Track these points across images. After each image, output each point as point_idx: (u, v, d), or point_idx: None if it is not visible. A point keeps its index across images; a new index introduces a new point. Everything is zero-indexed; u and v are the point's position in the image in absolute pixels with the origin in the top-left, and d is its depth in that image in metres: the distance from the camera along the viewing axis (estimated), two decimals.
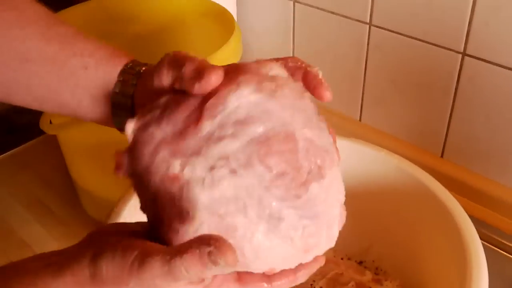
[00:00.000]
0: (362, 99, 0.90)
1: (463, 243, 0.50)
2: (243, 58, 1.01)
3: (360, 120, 0.92)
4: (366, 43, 0.84)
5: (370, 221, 0.66)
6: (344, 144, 0.66)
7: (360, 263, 0.66)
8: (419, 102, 0.82)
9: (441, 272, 0.55)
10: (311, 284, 0.60)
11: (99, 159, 0.76)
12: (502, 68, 0.71)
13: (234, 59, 0.78)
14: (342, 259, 0.67)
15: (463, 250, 0.49)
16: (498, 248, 0.73)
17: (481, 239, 0.73)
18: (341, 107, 0.94)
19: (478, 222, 0.75)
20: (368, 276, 0.60)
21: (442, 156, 0.83)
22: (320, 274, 0.61)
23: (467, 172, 0.80)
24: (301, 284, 0.60)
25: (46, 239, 0.78)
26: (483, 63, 0.72)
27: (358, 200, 0.66)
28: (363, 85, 0.88)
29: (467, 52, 0.73)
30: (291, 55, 0.96)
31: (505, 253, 0.73)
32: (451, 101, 0.78)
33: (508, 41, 0.69)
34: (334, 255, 0.68)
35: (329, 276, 0.60)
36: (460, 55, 0.74)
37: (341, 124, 0.92)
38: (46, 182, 0.87)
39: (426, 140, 0.84)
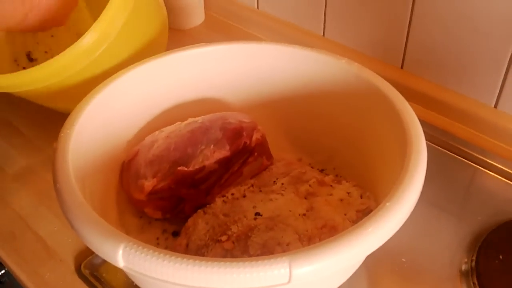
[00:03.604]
0: (325, 14, 0.90)
1: (409, 142, 0.51)
2: None
3: (323, 35, 0.93)
4: None
5: (333, 132, 0.68)
6: (307, 54, 0.67)
7: (322, 170, 0.69)
8: (380, 14, 0.83)
9: (389, 175, 0.57)
10: (274, 181, 0.61)
11: None
12: None
13: None
14: None
15: (408, 150, 0.51)
16: (457, 155, 0.76)
17: (440, 147, 0.77)
18: (304, 22, 0.94)
19: (436, 130, 0.78)
20: (329, 177, 0.62)
21: (402, 67, 0.84)
22: (283, 173, 0.63)
23: (426, 82, 0.82)
24: (263, 180, 0.62)
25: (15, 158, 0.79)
26: None
27: (320, 110, 0.68)
28: None
29: None
30: None
31: (463, 159, 0.76)
32: (409, 12, 0.78)
33: None
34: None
35: (292, 174, 0.62)
36: None
37: (304, 39, 0.92)
38: (15, 105, 0.87)
39: (387, 52, 0.85)
